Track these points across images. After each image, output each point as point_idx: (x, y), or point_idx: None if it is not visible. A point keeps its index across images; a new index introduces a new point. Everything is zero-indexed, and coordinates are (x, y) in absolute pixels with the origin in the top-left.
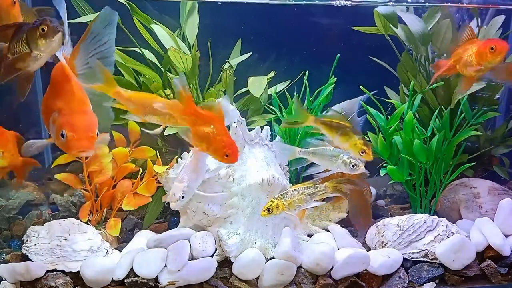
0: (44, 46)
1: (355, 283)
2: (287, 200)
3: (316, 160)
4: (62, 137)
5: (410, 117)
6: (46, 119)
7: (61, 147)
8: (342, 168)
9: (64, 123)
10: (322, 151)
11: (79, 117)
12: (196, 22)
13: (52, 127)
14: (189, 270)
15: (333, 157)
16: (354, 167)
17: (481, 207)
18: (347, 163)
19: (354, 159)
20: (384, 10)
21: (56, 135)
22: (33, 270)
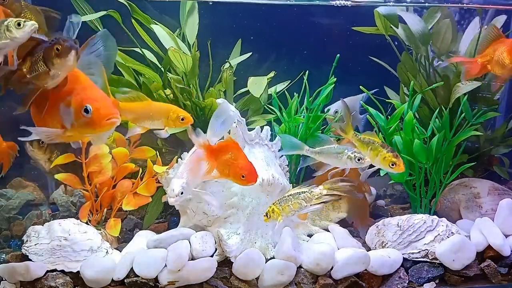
0: (59, 65)
1: (355, 283)
2: (282, 206)
3: (323, 158)
4: (87, 112)
5: (410, 117)
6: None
7: (86, 125)
8: (348, 163)
9: (85, 98)
10: (327, 149)
11: (97, 90)
12: (196, 22)
13: (67, 111)
14: (189, 270)
15: (338, 154)
16: (360, 160)
17: (481, 207)
18: (352, 157)
19: (359, 153)
20: (385, 10)
21: (77, 115)
22: (33, 270)
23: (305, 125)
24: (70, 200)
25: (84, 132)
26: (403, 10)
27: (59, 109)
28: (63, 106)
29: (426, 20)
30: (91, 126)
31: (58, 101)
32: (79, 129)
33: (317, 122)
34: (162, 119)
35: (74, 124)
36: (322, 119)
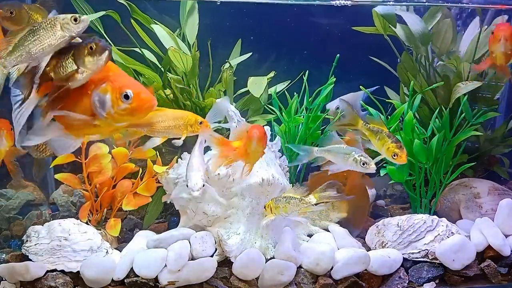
0: (91, 64)
1: (355, 283)
2: (276, 205)
3: (331, 157)
4: (127, 98)
5: (410, 117)
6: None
7: (126, 112)
8: (353, 165)
9: (125, 84)
10: (336, 149)
11: (131, 78)
12: (196, 22)
13: (102, 99)
14: (189, 270)
15: (346, 155)
16: (365, 165)
17: (481, 207)
18: (357, 161)
19: (365, 157)
20: (382, 10)
21: (115, 102)
22: (33, 270)
23: (305, 125)
24: (70, 200)
25: (121, 120)
26: (403, 10)
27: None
28: (97, 94)
29: (426, 20)
30: (131, 112)
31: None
32: (116, 116)
33: (317, 122)
34: (181, 126)
35: (110, 111)
36: (322, 119)
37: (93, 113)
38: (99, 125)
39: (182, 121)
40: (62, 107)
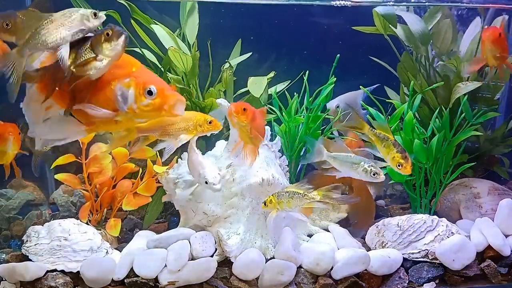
0: (109, 50)
1: (355, 283)
2: (279, 199)
3: (337, 165)
4: (150, 94)
5: (410, 117)
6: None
7: (148, 108)
8: (362, 176)
9: (148, 80)
10: (344, 157)
11: (155, 75)
12: (196, 22)
13: (125, 94)
14: (189, 270)
15: (354, 164)
16: (375, 175)
17: (481, 207)
18: (368, 171)
19: (375, 167)
20: (383, 10)
21: (138, 98)
22: (33, 270)
23: (305, 125)
24: (70, 200)
25: (142, 116)
26: (403, 10)
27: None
28: (120, 88)
29: (426, 20)
30: (153, 108)
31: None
32: (138, 112)
33: (317, 122)
34: (191, 127)
35: (133, 106)
36: (322, 119)
37: (115, 109)
38: (120, 121)
39: (191, 122)
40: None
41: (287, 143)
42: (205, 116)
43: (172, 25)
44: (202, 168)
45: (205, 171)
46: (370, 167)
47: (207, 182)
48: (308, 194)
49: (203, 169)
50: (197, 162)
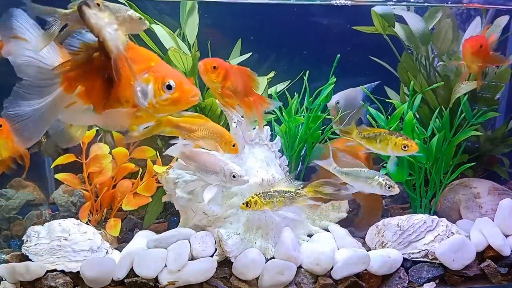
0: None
1: (355, 283)
2: (266, 200)
3: (350, 180)
4: (169, 88)
5: (410, 117)
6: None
7: (167, 103)
8: (377, 189)
9: (167, 74)
10: (357, 172)
11: (173, 69)
12: (196, 22)
13: (144, 89)
14: (189, 270)
15: (368, 179)
16: (390, 188)
17: (481, 207)
18: (382, 184)
19: (389, 180)
20: (381, 10)
21: (157, 92)
22: (33, 270)
23: (305, 125)
24: (70, 200)
25: (162, 111)
26: (403, 10)
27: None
28: (140, 84)
29: (427, 20)
30: (173, 102)
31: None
32: (158, 107)
33: (317, 122)
34: (216, 142)
35: (152, 101)
36: (322, 119)
37: (135, 104)
38: (141, 116)
39: (219, 137)
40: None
41: (287, 143)
42: (232, 138)
43: (172, 25)
44: (225, 164)
45: (229, 166)
46: (385, 180)
47: (235, 176)
48: (300, 192)
49: (226, 165)
50: (216, 160)
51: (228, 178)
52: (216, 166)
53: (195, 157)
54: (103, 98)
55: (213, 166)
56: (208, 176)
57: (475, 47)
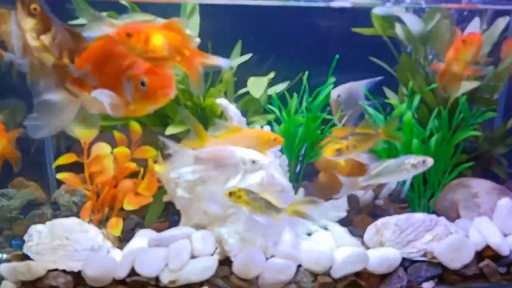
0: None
1: (354, 282)
2: (249, 200)
3: (385, 179)
4: (143, 85)
5: (408, 118)
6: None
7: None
8: (412, 171)
9: (142, 71)
10: (386, 168)
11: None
12: (196, 23)
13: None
14: (189, 269)
15: (399, 167)
16: (424, 162)
17: (480, 206)
18: (416, 164)
19: (418, 156)
20: (381, 12)
21: (136, 88)
22: (35, 269)
23: (305, 125)
24: (72, 199)
25: (144, 106)
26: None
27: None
28: (125, 80)
29: (425, 21)
30: (147, 99)
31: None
32: (138, 101)
33: (317, 122)
34: (256, 146)
35: (134, 97)
36: (322, 119)
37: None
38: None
39: (257, 140)
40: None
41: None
42: (269, 134)
43: None
44: (240, 154)
45: (244, 154)
46: (415, 159)
47: (254, 161)
48: (280, 211)
49: (241, 154)
50: (231, 153)
51: (249, 165)
52: (233, 158)
53: (210, 157)
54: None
55: (230, 159)
56: (229, 170)
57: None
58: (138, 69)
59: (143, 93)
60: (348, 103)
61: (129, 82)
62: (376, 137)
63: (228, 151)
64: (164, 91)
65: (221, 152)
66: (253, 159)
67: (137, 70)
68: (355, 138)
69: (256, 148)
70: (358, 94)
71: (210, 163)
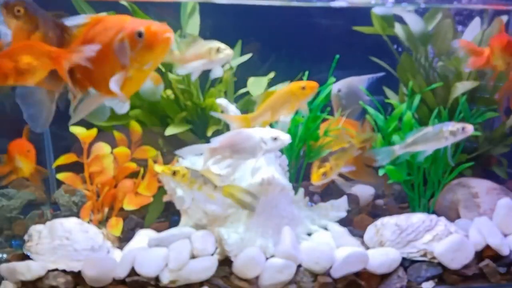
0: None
1: (354, 282)
2: (192, 179)
3: (421, 147)
4: (140, 36)
5: (408, 118)
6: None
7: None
8: (451, 139)
9: (135, 25)
10: (423, 135)
11: (143, 20)
12: (197, 23)
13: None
14: (189, 269)
15: (437, 135)
16: (464, 129)
17: (480, 206)
18: (455, 131)
19: (456, 123)
20: (381, 11)
21: (133, 44)
22: (34, 269)
23: (305, 125)
24: (71, 199)
25: (144, 61)
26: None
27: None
28: (117, 44)
29: (426, 21)
30: (148, 48)
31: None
32: (138, 59)
33: (316, 122)
34: (291, 100)
35: (133, 56)
36: (321, 119)
37: (122, 67)
38: (132, 76)
39: (289, 95)
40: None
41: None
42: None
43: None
44: (259, 134)
45: (263, 133)
46: (454, 126)
47: (276, 138)
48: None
49: (260, 134)
50: (248, 134)
51: (270, 143)
52: (251, 140)
53: (226, 144)
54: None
55: (247, 141)
56: (248, 153)
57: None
58: (128, 27)
59: (142, 45)
60: (349, 97)
61: (123, 44)
62: (352, 148)
63: (244, 134)
64: (164, 35)
65: (237, 137)
66: (273, 136)
67: (128, 29)
68: (335, 156)
69: (292, 104)
70: (359, 88)
71: (226, 151)
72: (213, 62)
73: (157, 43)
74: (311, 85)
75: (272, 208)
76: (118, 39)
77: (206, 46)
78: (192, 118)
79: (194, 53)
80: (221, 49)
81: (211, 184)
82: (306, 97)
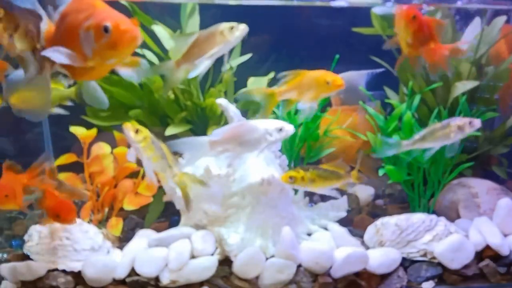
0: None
1: (354, 282)
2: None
3: (429, 143)
4: (106, 31)
5: (408, 118)
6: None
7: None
8: (459, 134)
9: (104, 18)
10: (431, 132)
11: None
12: (197, 23)
13: (87, 36)
14: (189, 269)
15: (445, 129)
16: (471, 123)
17: (480, 206)
18: (463, 125)
19: (464, 118)
20: (381, 11)
21: (97, 37)
22: (35, 269)
23: (305, 125)
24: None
25: (107, 57)
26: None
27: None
28: (83, 32)
29: None
30: (112, 46)
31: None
32: (101, 53)
33: (316, 121)
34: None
35: (96, 49)
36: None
37: (84, 55)
38: (94, 66)
39: (314, 83)
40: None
41: (287, 143)
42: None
43: (173, 26)
44: (263, 126)
45: (267, 125)
46: (461, 120)
47: (281, 129)
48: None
49: (264, 125)
50: (249, 126)
51: (276, 134)
52: (255, 131)
53: (228, 136)
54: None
55: (251, 133)
56: (251, 145)
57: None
58: (97, 17)
59: (106, 41)
60: (348, 92)
61: (88, 33)
62: (347, 178)
63: (248, 126)
64: (131, 34)
65: (240, 128)
66: (278, 127)
67: (97, 18)
68: (317, 172)
69: (315, 92)
70: (358, 83)
71: (229, 144)
72: (230, 43)
73: (122, 43)
74: (337, 83)
75: (272, 208)
76: (85, 26)
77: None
78: (192, 118)
79: (199, 46)
80: (235, 27)
81: (165, 162)
82: (328, 92)
